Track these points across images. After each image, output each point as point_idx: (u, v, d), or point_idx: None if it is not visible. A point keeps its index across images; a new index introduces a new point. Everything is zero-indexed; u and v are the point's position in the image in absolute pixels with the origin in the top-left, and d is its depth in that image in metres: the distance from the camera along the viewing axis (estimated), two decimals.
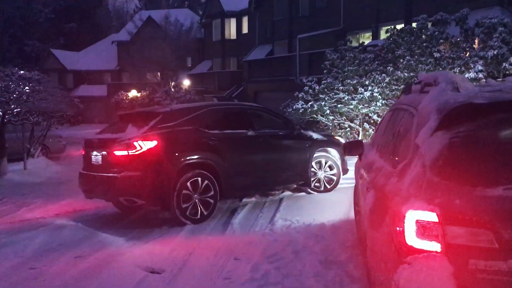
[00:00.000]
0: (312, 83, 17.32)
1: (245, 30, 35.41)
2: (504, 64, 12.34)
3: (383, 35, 20.54)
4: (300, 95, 17.16)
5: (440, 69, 12.86)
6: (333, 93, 15.92)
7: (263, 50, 31.41)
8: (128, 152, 6.74)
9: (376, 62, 15.39)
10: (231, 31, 36.52)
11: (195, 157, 7.12)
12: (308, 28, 26.05)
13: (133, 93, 38.49)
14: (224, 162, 7.43)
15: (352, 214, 6.41)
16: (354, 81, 15.29)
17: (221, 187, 7.37)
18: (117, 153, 6.84)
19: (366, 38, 23.80)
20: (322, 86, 16.44)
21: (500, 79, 11.05)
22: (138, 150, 6.71)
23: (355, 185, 5.83)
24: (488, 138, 2.61)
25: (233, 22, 36.23)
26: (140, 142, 6.73)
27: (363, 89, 14.88)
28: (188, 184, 6.99)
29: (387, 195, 3.03)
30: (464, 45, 13.28)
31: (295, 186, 8.84)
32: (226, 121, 7.87)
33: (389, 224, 2.79)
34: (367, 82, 14.92)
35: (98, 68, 46.96)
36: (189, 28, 38.89)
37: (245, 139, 7.93)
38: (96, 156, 7.26)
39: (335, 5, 25.84)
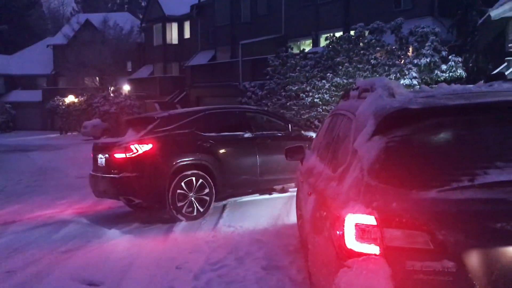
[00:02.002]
0: (255, 88, 17.43)
1: (187, 35, 35.10)
2: (436, 71, 12.98)
3: (323, 42, 21.06)
4: (243, 101, 17.21)
5: (377, 75, 13.33)
6: (275, 99, 16.09)
7: (205, 56, 31.27)
8: (126, 155, 7.28)
9: (317, 68, 15.71)
10: (173, 35, 36.07)
11: (190, 158, 7.56)
12: (251, 34, 26.24)
13: (70, 98, 37.13)
14: (219, 163, 7.82)
15: (295, 219, 6.46)
16: (296, 87, 15.53)
17: (217, 187, 7.72)
18: (117, 155, 7.39)
19: (307, 45, 24.29)
20: (265, 91, 16.57)
21: (433, 86, 11.59)
22: (134, 153, 7.26)
23: (297, 190, 5.88)
24: (422, 142, 2.69)
25: (174, 26, 35.81)
26: (136, 145, 7.28)
27: (304, 95, 15.14)
28: (183, 184, 7.41)
29: (327, 199, 3.05)
30: (399, 53, 13.85)
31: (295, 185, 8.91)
32: (224, 124, 8.28)
33: (329, 228, 2.81)
34: (308, 88, 15.19)
35: (32, 72, 44.91)
36: (129, 32, 38.06)
37: (242, 141, 8.24)
38: (101, 159, 7.81)
39: (277, 12, 26.22)
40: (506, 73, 13.26)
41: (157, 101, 29.67)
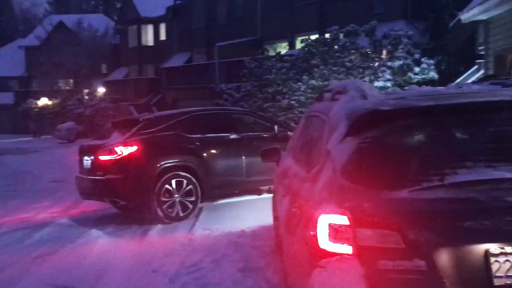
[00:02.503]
0: (231, 90, 17.43)
1: (162, 37, 34.85)
2: (409, 73, 13.23)
3: (298, 45, 21.18)
4: (219, 103, 17.19)
5: (352, 78, 13.49)
6: (252, 101, 16.12)
7: (181, 58, 31.11)
8: (111, 157, 7.33)
9: (292, 71, 15.82)
10: (148, 37, 35.76)
11: (175, 160, 7.60)
12: (227, 36, 26.23)
13: (43, 101, 36.43)
14: (205, 164, 7.86)
15: (271, 220, 6.48)
16: (272, 90, 15.59)
17: (202, 188, 7.76)
18: (102, 158, 7.43)
19: (283, 48, 24.43)
20: (241, 94, 16.59)
21: (406, 88, 11.80)
22: (119, 155, 7.29)
23: (273, 191, 5.90)
24: (393, 143, 2.73)
25: (150, 28, 35.51)
26: (121, 147, 7.32)
27: (280, 97, 15.21)
28: (168, 185, 7.44)
29: (301, 200, 3.08)
30: (373, 56, 14.06)
31: None
32: (209, 126, 8.30)
33: (303, 228, 2.83)
34: (284, 90, 15.27)
35: (4, 74, 43.92)
36: (104, 34, 37.60)
37: (228, 142, 8.27)
38: (87, 161, 7.85)
39: (252, 15, 26.28)
40: (476, 75, 13.60)
41: (133, 103, 29.44)
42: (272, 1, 25.36)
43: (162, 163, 7.45)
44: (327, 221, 2.54)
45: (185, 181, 7.60)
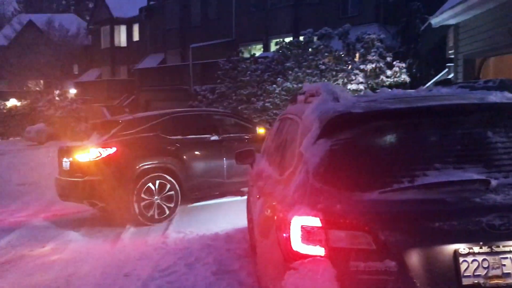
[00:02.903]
0: (206, 92, 17.37)
1: (136, 37, 34.49)
2: (381, 76, 13.43)
3: (273, 47, 21.27)
4: (194, 104, 17.10)
5: (325, 80, 13.62)
6: (226, 103, 16.09)
7: (155, 59, 30.83)
8: (89, 159, 7.28)
9: (267, 73, 15.86)
10: (121, 38, 35.33)
11: (154, 162, 7.58)
12: (201, 38, 26.14)
13: (12, 102, 35.51)
14: (185, 166, 7.86)
15: (246, 223, 6.47)
16: (247, 92, 15.60)
17: (182, 190, 7.76)
18: (80, 159, 7.38)
19: (257, 50, 24.49)
20: (216, 95, 16.55)
21: (378, 90, 11.97)
22: (98, 157, 7.26)
23: (247, 193, 5.89)
24: (365, 145, 2.75)
25: (123, 29, 35.08)
26: (100, 149, 7.28)
27: (255, 99, 15.22)
28: (147, 187, 7.42)
29: (275, 202, 3.07)
30: (346, 59, 14.21)
31: None
32: (190, 127, 8.27)
33: (276, 230, 2.83)
34: (259, 93, 15.29)
35: None
36: (76, 34, 36.97)
37: (209, 143, 8.26)
38: (66, 162, 7.76)
39: (227, 17, 26.27)
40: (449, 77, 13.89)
41: (105, 105, 28.98)
42: (247, 3, 25.41)
43: (141, 164, 7.43)
44: (299, 223, 2.55)
45: (164, 183, 7.59)
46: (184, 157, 7.90)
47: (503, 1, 6.90)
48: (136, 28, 34.33)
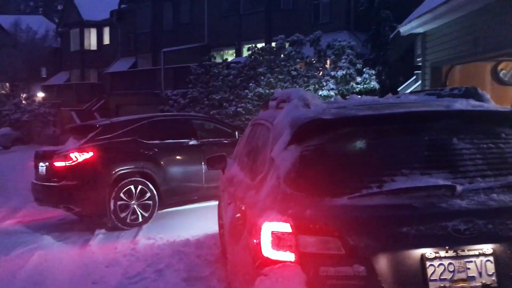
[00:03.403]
0: (177, 97, 17.25)
1: (106, 41, 33.96)
2: (352, 83, 13.62)
3: (245, 52, 21.33)
4: (165, 109, 16.96)
5: (297, 86, 13.73)
6: (198, 108, 16.02)
7: (126, 62, 30.44)
8: (65, 163, 7.24)
9: (239, 78, 15.87)
10: (91, 41, 34.73)
11: (131, 166, 7.56)
12: (173, 42, 25.97)
13: None
14: (163, 170, 7.82)
15: (217, 228, 6.43)
16: (219, 96, 15.57)
17: (160, 194, 7.73)
18: (57, 164, 7.34)
19: (230, 55, 24.49)
20: (187, 100, 16.46)
21: (348, 97, 12.13)
22: (74, 161, 7.21)
23: (218, 199, 5.87)
24: (335, 151, 2.79)
25: (93, 32, 34.50)
26: (76, 153, 7.24)
27: (227, 104, 15.21)
28: (124, 192, 7.38)
29: (246, 208, 3.08)
30: (317, 65, 14.36)
31: None
32: (168, 132, 8.24)
33: (247, 236, 2.83)
34: (231, 98, 15.29)
35: None
36: (44, 36, 36.15)
37: (187, 148, 8.22)
38: (42, 167, 7.74)
39: (199, 21, 26.19)
40: (414, 86, 14.23)
41: (74, 109, 28.43)
42: (219, 8, 25.41)
43: (118, 169, 7.41)
44: (270, 228, 2.55)
45: (142, 188, 7.57)
46: (162, 161, 7.86)
47: (468, 11, 7.11)
48: (106, 31, 33.82)
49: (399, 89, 15.52)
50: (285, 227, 2.51)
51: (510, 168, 2.73)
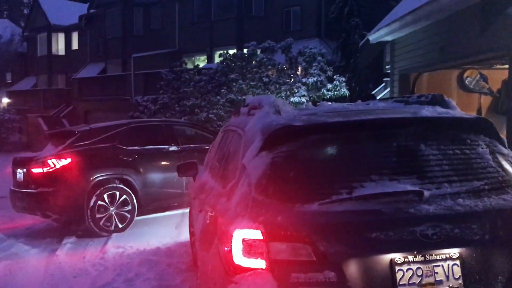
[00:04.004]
0: (148, 103, 17.07)
1: (75, 46, 33.35)
2: (322, 90, 13.77)
3: (217, 59, 21.30)
4: (135, 115, 16.75)
5: (269, 93, 13.78)
6: (169, 114, 15.88)
7: (95, 68, 29.96)
8: (43, 170, 7.21)
9: (211, 84, 15.82)
10: (59, 46, 34.02)
11: (110, 172, 7.54)
12: (143, 48, 25.73)
13: None
14: (142, 176, 7.80)
15: (188, 236, 6.37)
16: (190, 102, 15.48)
17: (139, 200, 7.71)
18: (34, 170, 7.31)
19: (201, 61, 24.43)
20: (158, 106, 16.31)
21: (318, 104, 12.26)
22: (51, 168, 7.19)
23: (190, 207, 5.81)
24: (306, 157, 2.80)
25: (61, 37, 33.82)
26: (53, 160, 7.22)
27: (199, 110, 15.13)
28: (103, 198, 7.37)
29: (217, 215, 3.05)
30: (289, 72, 14.47)
31: None
32: (148, 137, 8.22)
33: (217, 244, 2.81)
34: (203, 104, 15.22)
35: None
36: (9, 40, 35.22)
37: (167, 154, 8.17)
38: (20, 174, 7.66)
39: (170, 27, 26.05)
40: (383, 93, 14.49)
41: (41, 115, 27.76)
42: (191, 14, 25.33)
43: (96, 175, 7.39)
44: (241, 236, 2.54)
45: (121, 194, 7.55)
46: (142, 168, 7.83)
47: (434, 20, 7.30)
48: (75, 36, 33.21)
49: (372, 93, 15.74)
50: (256, 234, 2.50)
51: (475, 173, 2.79)
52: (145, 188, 7.81)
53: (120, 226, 7.49)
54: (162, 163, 8.15)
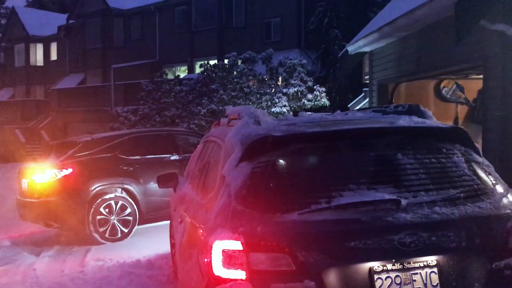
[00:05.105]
0: (128, 114, 16.97)
1: (54, 56, 32.97)
2: (303, 100, 13.88)
3: (198, 69, 21.31)
4: (115, 126, 16.62)
5: (250, 103, 13.83)
6: (149, 125, 15.80)
7: (74, 79, 29.65)
8: (45, 179, 7.35)
9: (192, 95, 15.81)
10: (37, 57, 33.58)
11: (111, 182, 7.66)
12: (124, 58, 25.62)
13: None
14: (143, 186, 7.87)
15: (169, 248, 6.30)
16: (171, 113, 15.43)
17: (140, 210, 7.79)
18: (36, 180, 7.43)
19: (182, 72, 24.39)
20: (138, 117, 16.22)
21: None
22: (54, 178, 7.33)
23: (170, 218, 5.76)
24: (285, 167, 2.82)
25: (39, 47, 33.40)
26: (55, 170, 7.35)
27: (179, 121, 15.09)
28: (104, 207, 7.49)
29: (197, 226, 3.04)
30: (270, 82, 14.55)
31: None
32: (150, 147, 8.31)
33: (198, 255, 2.79)
34: (184, 114, 15.19)
35: None
36: None
37: (168, 163, 8.20)
38: (24, 183, 7.80)
39: (151, 38, 26.01)
40: (363, 103, 14.66)
41: (19, 126, 27.31)
42: (171, 24, 25.34)
43: (97, 185, 7.53)
44: (221, 247, 2.53)
45: (122, 203, 7.66)
46: (143, 177, 7.91)
47: (411, 31, 7.44)
48: (54, 47, 32.84)
49: (349, 105, 15.95)
50: (236, 245, 2.50)
51: (451, 182, 2.84)
52: (146, 197, 7.90)
53: (120, 235, 7.58)
54: (163, 171, 8.20)
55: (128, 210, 7.69)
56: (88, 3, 28.00)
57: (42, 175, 7.44)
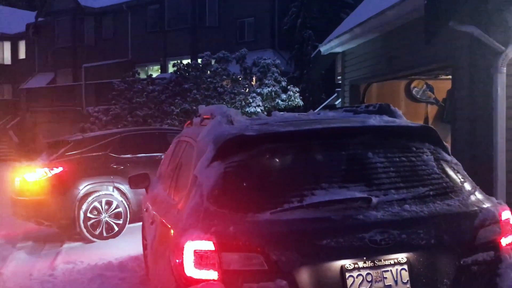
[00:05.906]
0: (99, 113, 16.70)
1: (22, 55, 32.17)
2: (277, 100, 13.93)
3: (171, 69, 21.14)
4: (86, 126, 16.34)
5: (224, 103, 13.80)
6: (121, 125, 15.59)
7: (44, 78, 29.01)
8: (36, 178, 7.40)
9: (164, 94, 15.67)
10: (5, 55, 32.66)
11: (101, 180, 7.68)
12: (95, 57, 25.22)
13: None
14: None
15: (141, 249, 6.22)
16: (143, 113, 15.26)
17: (131, 208, 7.79)
18: (27, 178, 7.49)
19: (155, 71, 24.17)
20: (110, 117, 15.99)
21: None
22: (44, 176, 7.37)
23: (142, 219, 5.69)
24: (258, 166, 2.81)
25: (7, 45, 32.51)
26: (46, 168, 7.40)
27: (152, 121, 14.94)
28: (95, 205, 7.52)
29: (168, 227, 3.01)
30: (243, 82, 14.55)
31: None
32: (141, 146, 8.31)
33: (169, 256, 2.76)
34: (156, 114, 15.05)
35: None
36: None
37: (160, 161, 8.19)
38: (17, 182, 7.80)
39: (123, 37, 25.67)
40: (336, 103, 14.81)
41: None
42: (144, 24, 25.07)
43: (88, 183, 7.56)
44: (192, 247, 2.51)
45: (113, 201, 7.69)
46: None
47: (382, 32, 7.54)
48: (22, 45, 32.05)
49: (321, 106, 16.07)
50: (208, 245, 2.48)
51: (420, 180, 2.89)
52: (137, 196, 7.79)
53: (111, 233, 7.60)
54: (155, 170, 8.17)
55: (119, 209, 7.70)
56: (58, 1, 27.44)
57: (33, 173, 7.47)
